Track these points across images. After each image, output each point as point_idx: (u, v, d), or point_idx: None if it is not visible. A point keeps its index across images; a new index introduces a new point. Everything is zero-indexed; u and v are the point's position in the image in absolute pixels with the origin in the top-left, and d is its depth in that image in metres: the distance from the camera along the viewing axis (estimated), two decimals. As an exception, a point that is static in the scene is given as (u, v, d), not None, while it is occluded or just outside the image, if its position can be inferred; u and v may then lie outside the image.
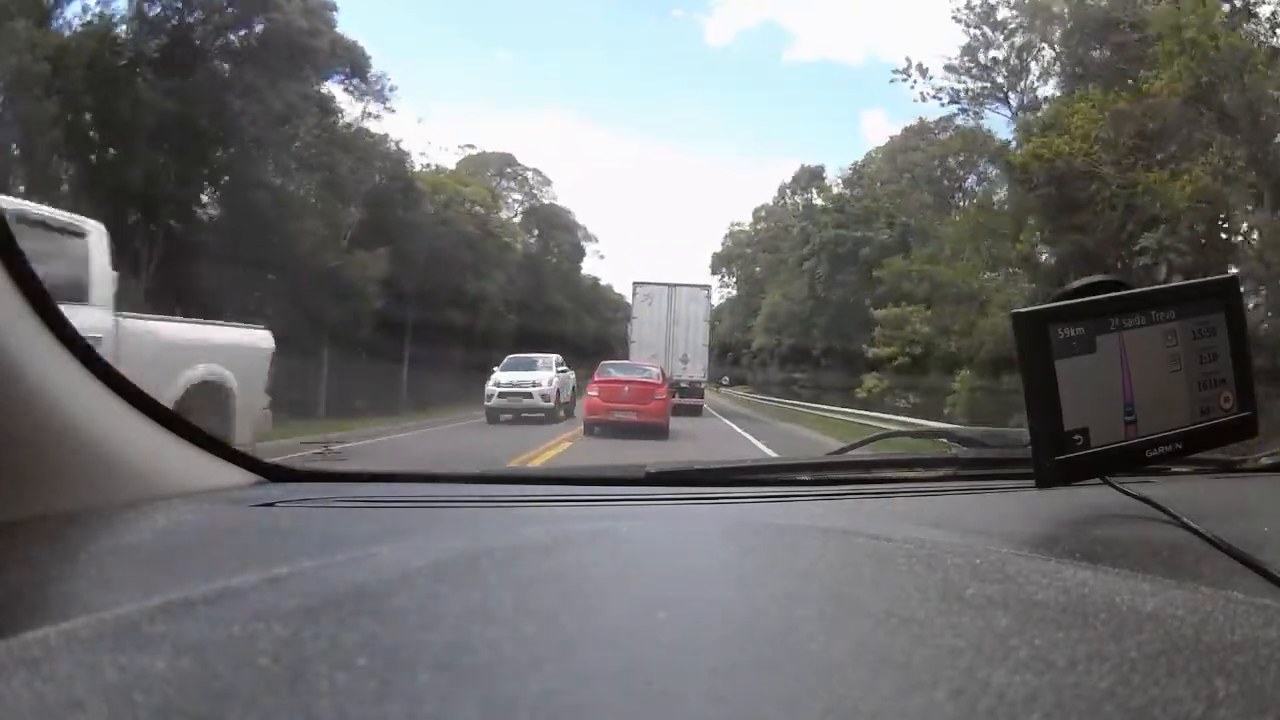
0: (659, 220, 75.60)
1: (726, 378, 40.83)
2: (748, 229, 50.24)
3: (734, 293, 51.63)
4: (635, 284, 20.89)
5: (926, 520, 0.89)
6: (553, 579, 0.48)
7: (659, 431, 11.51)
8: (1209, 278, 0.86)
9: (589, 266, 50.32)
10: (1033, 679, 0.32)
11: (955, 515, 0.94)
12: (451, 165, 34.53)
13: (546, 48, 58.13)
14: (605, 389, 12.08)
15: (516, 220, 40.30)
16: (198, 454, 0.96)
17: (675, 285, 20.25)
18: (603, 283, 50.72)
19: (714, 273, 51.15)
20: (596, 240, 46.25)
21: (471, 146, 40.02)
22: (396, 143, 25.44)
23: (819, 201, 38.96)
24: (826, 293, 31.71)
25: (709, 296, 21.70)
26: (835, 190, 37.95)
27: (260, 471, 1.03)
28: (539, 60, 58.11)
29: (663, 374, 13.70)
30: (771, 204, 48.34)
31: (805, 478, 1.15)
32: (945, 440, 1.55)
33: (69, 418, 0.78)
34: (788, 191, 46.40)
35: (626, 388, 12.02)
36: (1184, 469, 1.12)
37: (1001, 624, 0.39)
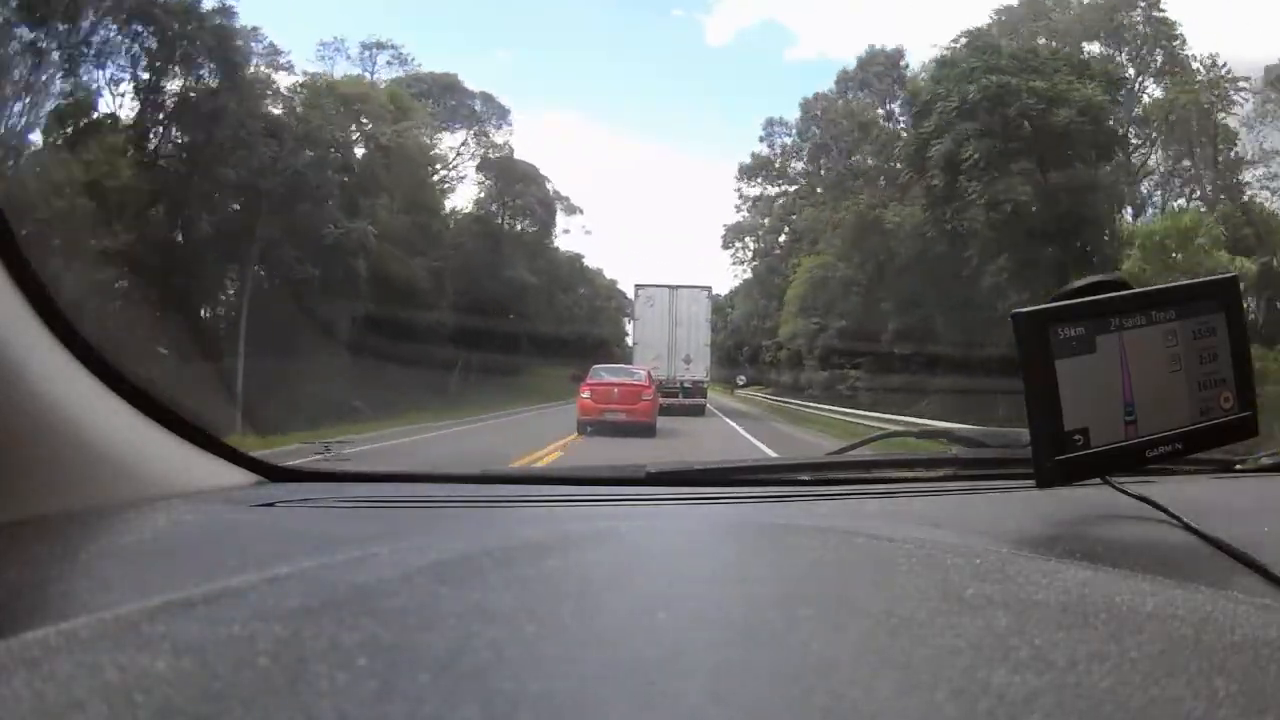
0: (660, 221, 75.59)
1: (743, 377, 33.95)
2: (791, 133, 32.13)
3: (749, 274, 39.99)
4: (637, 286, 20.83)
5: (926, 520, 0.89)
6: (553, 579, 0.48)
7: (646, 430, 12.02)
8: (1209, 278, 0.86)
9: (573, 244, 41.31)
10: (1033, 679, 0.32)
11: (955, 515, 0.94)
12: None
13: (545, 47, 58.16)
14: (596, 391, 12.57)
15: (466, 160, 29.49)
16: (198, 454, 0.96)
17: (676, 287, 20.23)
18: (591, 265, 41.13)
19: (725, 246, 39.14)
20: (581, 212, 36.20)
21: (383, 47, 26.63)
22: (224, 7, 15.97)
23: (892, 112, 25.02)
24: (985, 191, 16.36)
25: (710, 297, 21.61)
26: (921, 80, 22.52)
27: (260, 471, 1.03)
28: (538, 60, 58.16)
29: (649, 376, 14.15)
30: (831, 94, 30.08)
31: (805, 478, 1.15)
32: (945, 440, 1.55)
33: (69, 417, 0.78)
34: (851, 84, 29.55)
35: (616, 389, 12.55)
36: (1184, 469, 1.12)
37: (1001, 624, 0.39)
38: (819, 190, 29.81)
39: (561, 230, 37.47)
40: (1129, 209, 20.07)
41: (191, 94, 16.53)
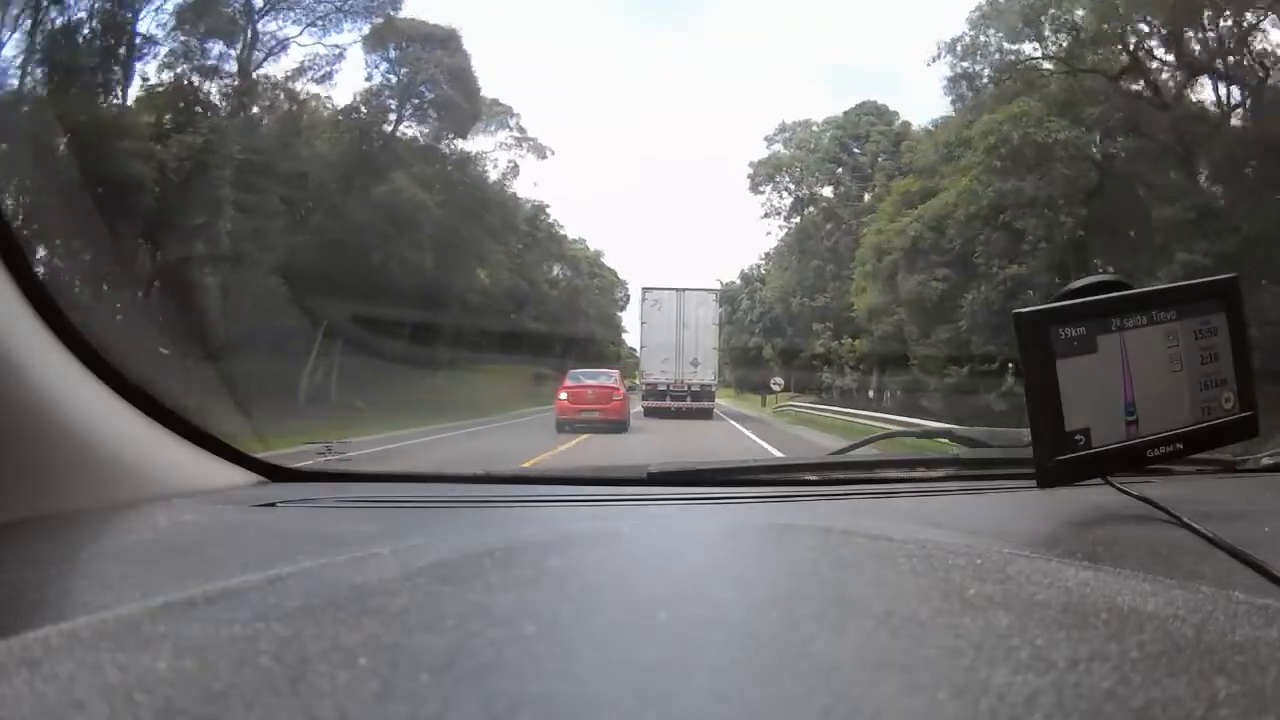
0: (662, 222, 75.45)
1: (779, 380, 24.24)
2: None
3: (786, 232, 28.59)
4: (644, 289, 20.50)
5: (927, 520, 0.89)
6: (553, 579, 0.48)
7: (619, 426, 13.19)
8: (1210, 278, 0.86)
9: (536, 194, 29.29)
10: (1033, 679, 0.32)
11: (956, 515, 0.94)
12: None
13: (542, 43, 58.16)
14: (572, 393, 13.68)
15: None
16: (199, 454, 0.96)
17: (683, 290, 20.08)
18: (568, 235, 31.04)
19: (755, 189, 28.27)
20: (552, 153, 26.30)
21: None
22: None
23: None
24: None
25: (717, 300, 21.30)
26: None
27: (261, 471, 1.04)
28: (536, 58, 58.22)
29: (621, 377, 15.20)
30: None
31: (806, 478, 1.15)
32: (946, 440, 1.55)
33: (70, 418, 0.78)
34: None
35: (590, 391, 13.73)
36: (1185, 469, 1.12)
37: (1002, 624, 0.39)
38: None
39: (531, 183, 27.76)
40: None
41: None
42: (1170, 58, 13.39)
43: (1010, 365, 12.83)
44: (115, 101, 14.12)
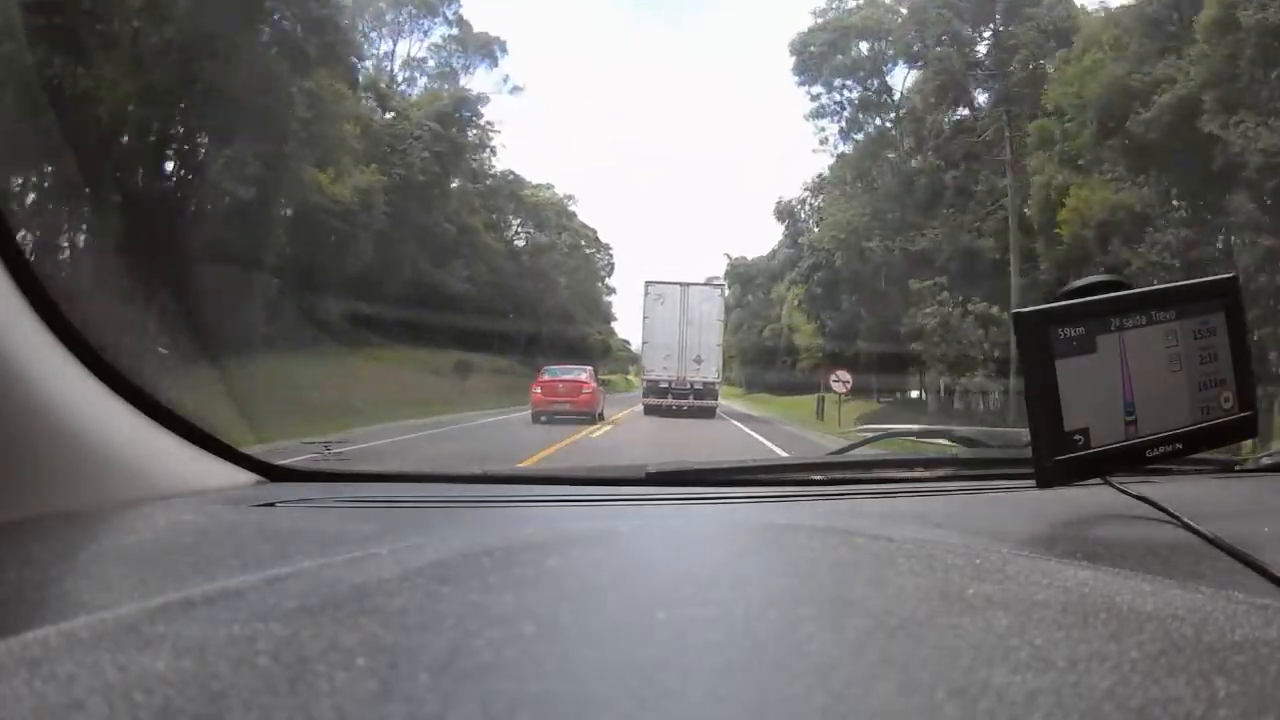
0: (668, 220, 75.13)
1: (844, 376, 16.75)
2: None
3: (841, 147, 20.34)
4: (647, 283, 20.19)
5: (926, 520, 0.89)
6: (553, 579, 0.48)
7: (589, 418, 14.15)
8: (1209, 278, 0.86)
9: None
10: (1033, 679, 0.32)
11: (955, 515, 0.94)
12: None
13: (541, 38, 58.04)
14: (545, 386, 14.95)
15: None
16: (198, 454, 0.96)
17: (687, 284, 19.76)
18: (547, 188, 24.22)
19: (804, 74, 20.96)
20: (504, 53, 20.33)
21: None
22: None
23: None
24: None
25: (722, 295, 20.92)
26: None
27: (260, 471, 1.03)
28: (536, 54, 58.07)
29: (593, 373, 16.09)
30: None
31: (805, 477, 1.15)
32: (946, 440, 1.55)
33: (69, 417, 0.78)
34: None
35: (561, 385, 14.91)
36: (1184, 469, 1.12)
37: (1001, 624, 0.39)
38: None
39: (477, 92, 19.24)
40: None
41: None
42: None
43: None
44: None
